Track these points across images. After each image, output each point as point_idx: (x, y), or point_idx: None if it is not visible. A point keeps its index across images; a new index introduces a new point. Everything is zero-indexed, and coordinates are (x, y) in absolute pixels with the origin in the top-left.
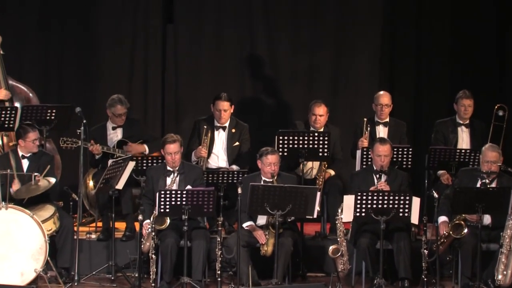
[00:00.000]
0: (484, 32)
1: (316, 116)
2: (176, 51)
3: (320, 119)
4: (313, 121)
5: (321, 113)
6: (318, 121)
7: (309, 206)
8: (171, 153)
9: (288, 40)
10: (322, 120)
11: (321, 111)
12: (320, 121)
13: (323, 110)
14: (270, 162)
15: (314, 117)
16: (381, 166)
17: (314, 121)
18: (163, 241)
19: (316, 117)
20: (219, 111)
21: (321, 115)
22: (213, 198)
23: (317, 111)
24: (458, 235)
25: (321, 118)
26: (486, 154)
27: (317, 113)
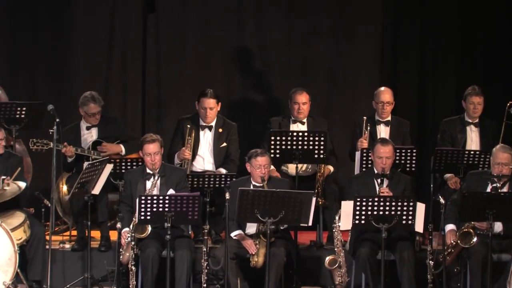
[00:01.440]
0: (495, 23)
1: (299, 105)
2: (158, 44)
3: (303, 108)
4: (296, 111)
5: (304, 101)
6: (301, 110)
7: (304, 213)
8: (150, 153)
9: (280, 31)
10: (306, 108)
11: (304, 98)
12: (304, 109)
13: (305, 98)
14: (260, 164)
15: (297, 106)
16: (382, 169)
17: (297, 110)
18: (143, 251)
19: (299, 106)
20: (205, 109)
21: (304, 103)
22: (198, 204)
23: (299, 99)
24: (466, 244)
25: (305, 106)
26: (497, 156)
27: (300, 101)
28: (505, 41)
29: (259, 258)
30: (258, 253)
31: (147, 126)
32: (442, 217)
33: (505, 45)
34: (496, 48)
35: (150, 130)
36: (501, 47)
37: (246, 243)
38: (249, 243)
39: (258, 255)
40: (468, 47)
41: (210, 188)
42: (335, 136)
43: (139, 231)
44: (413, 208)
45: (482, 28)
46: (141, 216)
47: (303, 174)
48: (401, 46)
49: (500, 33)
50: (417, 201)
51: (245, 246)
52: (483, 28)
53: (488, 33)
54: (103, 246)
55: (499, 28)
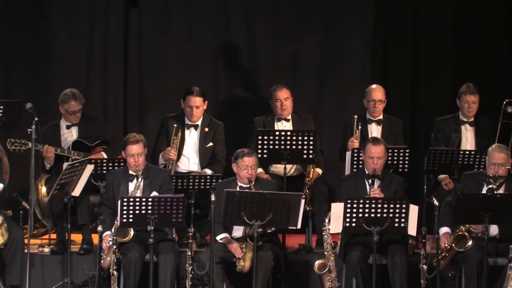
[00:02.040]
0: (491, 17)
1: (281, 101)
2: (140, 39)
3: (286, 104)
4: (279, 108)
5: (285, 96)
6: (285, 107)
7: (292, 215)
8: (133, 155)
9: (268, 26)
10: (289, 104)
11: (285, 94)
12: (287, 106)
13: (286, 93)
14: (246, 165)
15: (279, 103)
16: (373, 170)
17: (280, 108)
18: (125, 256)
19: (282, 102)
20: (190, 108)
21: (286, 98)
22: (182, 206)
23: (280, 95)
24: (461, 248)
25: (287, 102)
26: (493, 156)
27: (281, 97)
28: (501, 37)
29: (246, 262)
30: (244, 257)
31: (129, 125)
32: (436, 220)
33: (501, 41)
34: (492, 44)
35: (132, 129)
36: (497, 43)
37: (232, 247)
38: (235, 246)
39: (244, 259)
40: (463, 43)
41: (195, 189)
42: (324, 136)
43: (121, 235)
44: (405, 210)
45: (477, 24)
46: (123, 219)
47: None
48: (393, 41)
49: (496, 29)
50: (410, 203)
51: (231, 250)
52: (478, 24)
53: (483, 29)
54: (84, 250)
55: (495, 23)
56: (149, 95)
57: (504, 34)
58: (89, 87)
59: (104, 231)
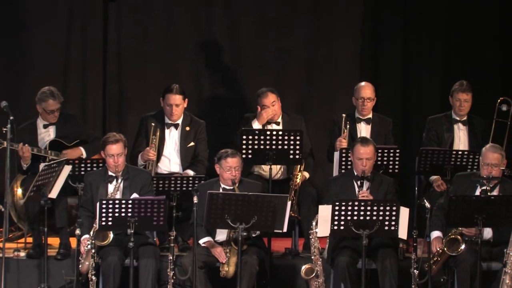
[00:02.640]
0: (485, 12)
1: (269, 107)
2: (120, 35)
3: (274, 108)
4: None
5: (272, 101)
6: (273, 112)
7: (278, 218)
8: (113, 155)
9: (251, 22)
10: (277, 108)
11: (271, 98)
12: (275, 110)
13: (272, 97)
14: (230, 166)
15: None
16: (362, 171)
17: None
18: (104, 260)
19: (269, 108)
20: (170, 106)
21: (274, 103)
22: (164, 208)
23: (267, 102)
24: (454, 252)
25: (275, 106)
26: (486, 156)
27: (268, 103)
28: (494, 33)
29: (230, 267)
30: (228, 262)
31: (108, 124)
32: (428, 223)
33: (494, 37)
34: (485, 40)
35: (111, 128)
36: (491, 39)
37: (215, 251)
38: (219, 251)
39: (228, 264)
40: (455, 39)
41: (177, 191)
42: (311, 135)
43: (100, 238)
44: (396, 213)
45: (470, 20)
46: (102, 222)
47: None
48: (382, 38)
49: (489, 25)
50: (401, 205)
51: (215, 254)
52: (470, 20)
53: (476, 25)
54: (61, 254)
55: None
56: (129, 93)
57: (498, 30)
58: (67, 85)
59: (82, 234)
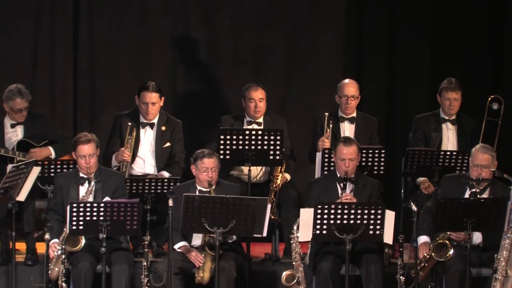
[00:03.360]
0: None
1: (256, 102)
2: (91, 30)
3: (260, 106)
4: (252, 109)
5: (260, 97)
6: (259, 108)
7: (257, 222)
8: (84, 156)
9: (229, 16)
10: (263, 106)
11: (260, 94)
12: (261, 107)
13: (261, 94)
14: (206, 167)
15: (253, 104)
16: (345, 173)
17: (254, 109)
18: (75, 266)
19: (256, 103)
20: (146, 105)
21: (261, 99)
22: (137, 212)
23: (255, 95)
24: (442, 257)
25: (261, 103)
26: (476, 157)
27: (256, 98)
28: (484, 29)
29: (205, 273)
30: (203, 268)
31: (79, 123)
32: (415, 227)
33: (484, 33)
34: (475, 35)
35: (82, 128)
36: (480, 35)
37: (191, 256)
38: (194, 254)
39: (203, 269)
40: (443, 35)
41: (151, 194)
42: (292, 135)
43: (71, 244)
44: (381, 217)
45: (458, 15)
46: (73, 226)
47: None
48: (367, 33)
49: (479, 20)
50: (386, 209)
51: (191, 259)
52: (459, 15)
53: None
54: (30, 260)
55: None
56: (101, 90)
57: (487, 25)
58: (35, 83)
59: (51, 239)
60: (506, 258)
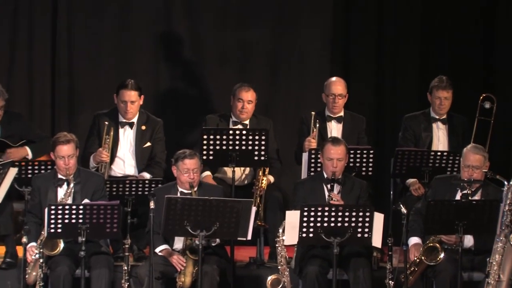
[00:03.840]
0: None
1: (244, 103)
2: (70, 26)
3: (248, 107)
4: (238, 109)
5: (249, 99)
6: (245, 109)
7: (242, 225)
8: (63, 156)
9: (212, 13)
10: (250, 108)
11: (250, 96)
12: (248, 109)
13: (251, 96)
14: (188, 168)
15: (241, 104)
16: (333, 174)
17: (240, 109)
18: (53, 270)
19: (244, 104)
20: (125, 103)
21: (250, 102)
22: (117, 215)
23: (244, 96)
24: (432, 261)
25: (250, 106)
26: (467, 158)
27: (245, 99)
28: (475, 25)
29: (186, 278)
30: (184, 272)
31: (58, 123)
32: (404, 230)
33: (475, 29)
34: (466, 32)
35: (61, 128)
36: (471, 31)
37: (173, 259)
38: (176, 257)
39: (184, 274)
40: (433, 31)
41: (132, 195)
42: (277, 135)
43: (49, 247)
44: (369, 219)
45: (448, 11)
46: (51, 229)
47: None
48: (355, 29)
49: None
50: (375, 211)
51: (172, 262)
52: (449, 11)
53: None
54: (6, 264)
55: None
56: (80, 89)
57: (479, 21)
58: (12, 81)
59: (29, 242)
60: (498, 262)
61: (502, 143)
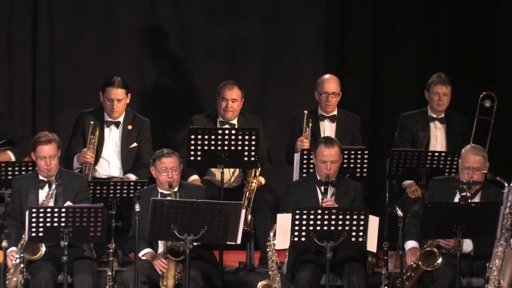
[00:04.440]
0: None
1: (227, 102)
2: (52, 21)
3: (232, 106)
4: (223, 108)
5: (233, 97)
6: (229, 109)
7: (231, 229)
8: (45, 157)
9: (201, 7)
10: (236, 107)
11: (234, 94)
12: (233, 108)
13: (236, 94)
14: (166, 167)
15: (225, 103)
16: (326, 176)
17: (224, 108)
18: (35, 276)
19: (227, 103)
20: (111, 101)
21: (234, 100)
22: (101, 218)
23: (228, 95)
24: (429, 266)
25: (234, 104)
26: (467, 159)
27: (229, 97)
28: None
29: (169, 281)
30: (167, 275)
31: (39, 122)
32: (400, 233)
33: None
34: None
35: (42, 127)
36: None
37: (155, 263)
38: (158, 262)
39: (167, 277)
40: (432, 27)
41: (116, 198)
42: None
43: (30, 252)
44: (364, 223)
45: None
46: (32, 233)
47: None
48: (350, 25)
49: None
50: (370, 214)
51: (154, 266)
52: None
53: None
54: None
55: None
56: (62, 86)
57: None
58: None
59: (9, 247)
60: (498, 267)
61: (502, 143)
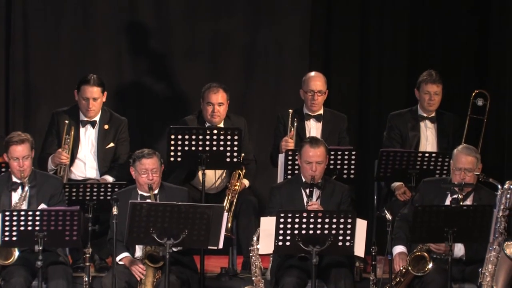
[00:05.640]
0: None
1: (214, 106)
2: (26, 17)
3: (219, 110)
4: (209, 114)
5: (220, 101)
6: (217, 113)
7: (213, 233)
8: (18, 158)
9: (183, 3)
10: (222, 111)
11: (220, 98)
12: (220, 112)
13: (222, 97)
14: (146, 168)
15: (211, 108)
16: (312, 177)
17: (211, 113)
18: (8, 281)
19: (214, 108)
20: (86, 100)
21: (221, 104)
22: (78, 221)
23: (213, 99)
24: (419, 271)
25: (221, 108)
26: (459, 160)
27: (215, 101)
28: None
29: (146, 287)
30: (145, 282)
31: (12, 121)
32: (389, 237)
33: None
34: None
35: (16, 127)
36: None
37: (132, 268)
38: (136, 267)
39: (145, 284)
40: (422, 24)
41: (93, 200)
42: (252, 135)
43: (3, 257)
44: (351, 226)
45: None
46: (5, 237)
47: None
48: (337, 20)
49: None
50: (357, 217)
51: (132, 271)
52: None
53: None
54: None
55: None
56: (37, 84)
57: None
58: None
59: None
60: (491, 273)
61: (495, 144)
